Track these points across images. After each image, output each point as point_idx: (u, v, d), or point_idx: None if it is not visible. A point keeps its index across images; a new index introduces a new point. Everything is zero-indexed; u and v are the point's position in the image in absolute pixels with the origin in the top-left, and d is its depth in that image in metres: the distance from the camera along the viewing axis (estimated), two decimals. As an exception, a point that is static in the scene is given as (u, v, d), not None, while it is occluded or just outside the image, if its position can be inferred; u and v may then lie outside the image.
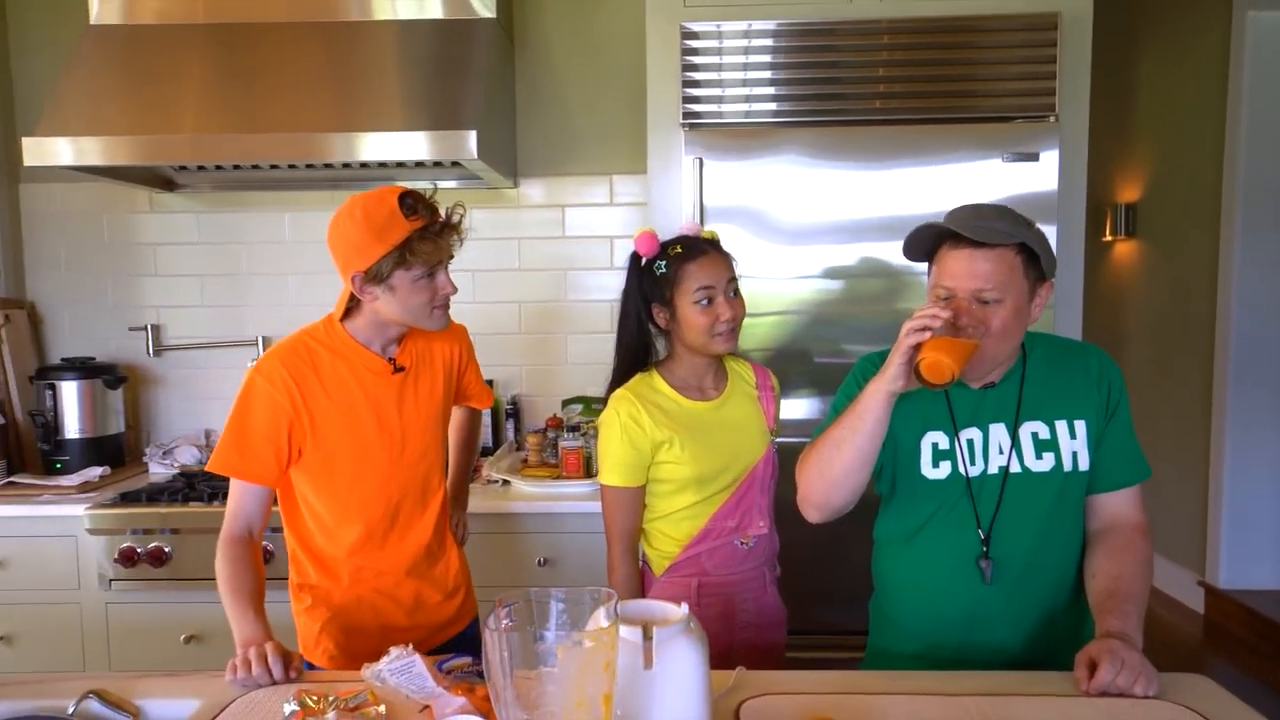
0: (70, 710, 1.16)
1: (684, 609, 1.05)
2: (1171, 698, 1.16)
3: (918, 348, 1.24)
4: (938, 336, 1.23)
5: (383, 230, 1.40)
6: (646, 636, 1.00)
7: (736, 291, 1.63)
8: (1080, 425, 1.38)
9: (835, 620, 2.10)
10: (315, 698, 1.13)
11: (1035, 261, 1.32)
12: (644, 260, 1.65)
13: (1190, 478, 3.83)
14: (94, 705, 1.17)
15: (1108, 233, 4.45)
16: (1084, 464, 1.38)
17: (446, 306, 1.54)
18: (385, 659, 1.08)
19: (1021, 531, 1.38)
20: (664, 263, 1.61)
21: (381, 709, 1.11)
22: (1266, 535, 3.66)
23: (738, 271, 1.65)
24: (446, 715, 1.06)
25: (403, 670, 1.07)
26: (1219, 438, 3.67)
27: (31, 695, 1.21)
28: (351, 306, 1.53)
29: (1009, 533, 1.38)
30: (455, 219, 1.48)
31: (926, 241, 1.36)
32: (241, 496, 1.48)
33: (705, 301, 1.58)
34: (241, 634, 1.36)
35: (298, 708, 1.11)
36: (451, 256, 1.51)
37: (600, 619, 0.94)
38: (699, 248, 1.61)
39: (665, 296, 1.61)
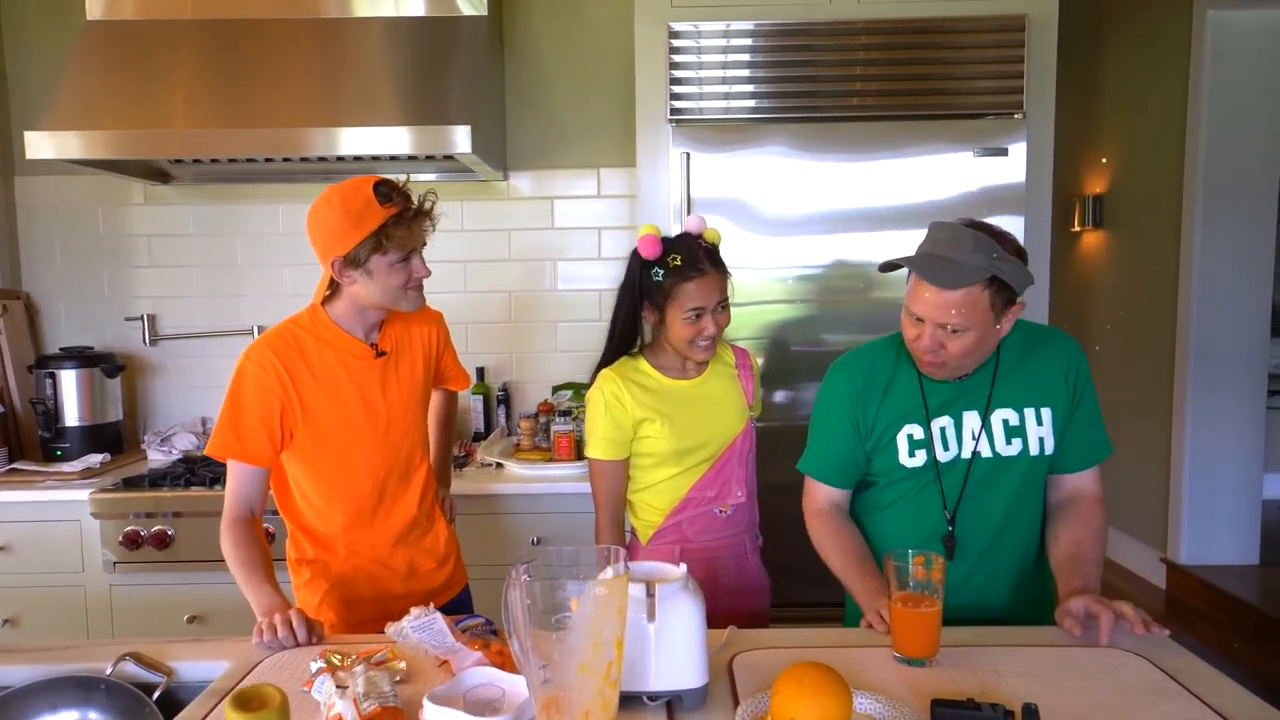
0: (108, 671, 1.24)
1: (683, 569, 1.16)
2: (1120, 645, 1.28)
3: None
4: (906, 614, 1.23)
5: (359, 217, 1.48)
6: (649, 593, 1.10)
7: (725, 306, 1.70)
8: (1046, 413, 1.48)
9: (817, 595, 2.20)
10: (339, 656, 1.22)
11: (1004, 286, 1.36)
12: (644, 261, 1.72)
13: (1153, 459, 3.98)
14: (130, 667, 1.25)
15: (1076, 223, 4.60)
16: (1049, 449, 1.48)
17: (420, 288, 1.62)
18: (408, 617, 1.17)
19: (988, 512, 1.48)
20: (662, 272, 1.67)
21: (403, 665, 1.20)
22: (1225, 513, 3.82)
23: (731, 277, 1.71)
24: (464, 667, 1.15)
25: (425, 627, 1.16)
26: (1180, 420, 3.82)
27: (69, 659, 1.29)
28: (331, 292, 1.61)
29: (975, 514, 1.48)
30: (428, 206, 1.57)
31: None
32: (240, 479, 1.55)
33: (694, 317, 1.66)
34: (260, 604, 1.44)
35: (324, 665, 1.19)
36: (424, 243, 1.59)
37: (608, 574, 1.04)
38: (697, 265, 1.66)
39: (657, 302, 1.69)
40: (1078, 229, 4.60)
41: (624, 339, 1.77)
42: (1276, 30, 3.60)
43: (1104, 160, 4.42)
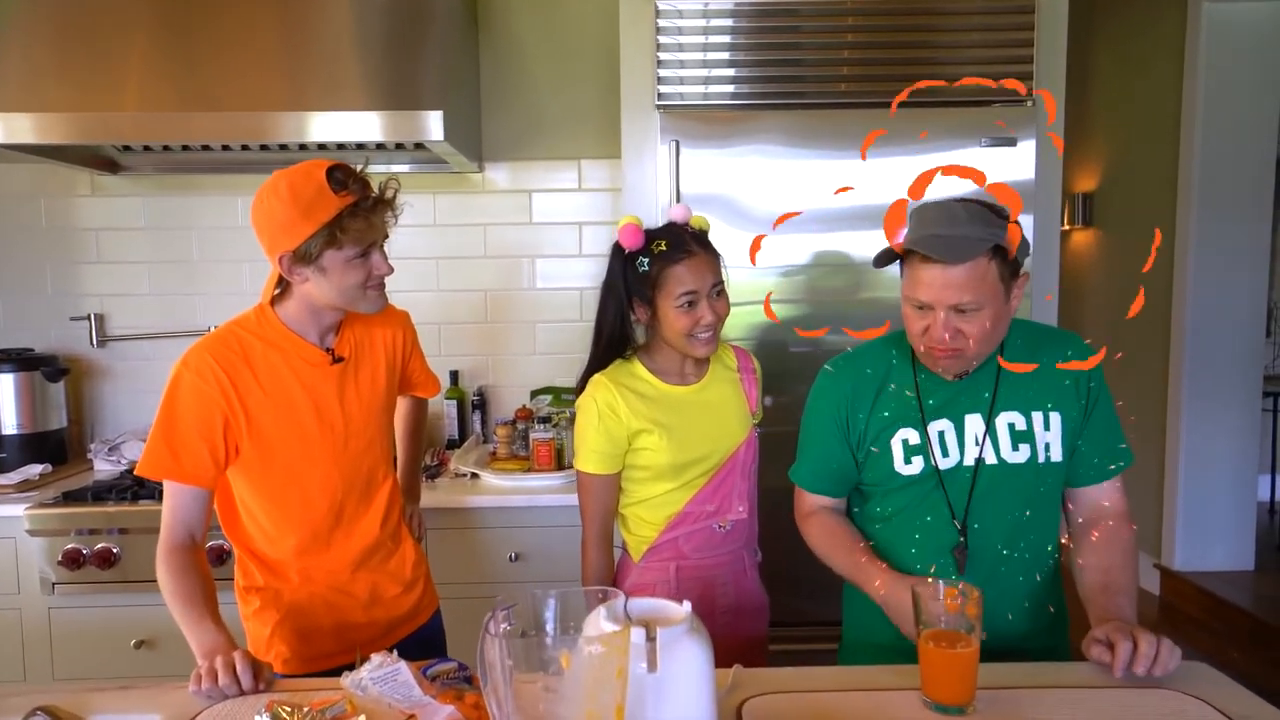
0: (16, 729, 1.06)
1: (686, 607, 1.00)
2: (1177, 686, 1.15)
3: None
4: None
5: (310, 207, 1.31)
6: (650, 637, 0.94)
7: (721, 292, 1.57)
8: (1055, 417, 1.36)
9: (816, 611, 2.07)
10: (289, 708, 1.05)
11: (1006, 256, 1.27)
12: (627, 253, 1.58)
13: (1147, 463, 3.90)
14: (43, 723, 1.08)
15: (1065, 222, 4.51)
16: (1057, 456, 1.37)
17: (382, 286, 1.45)
18: (367, 666, 1.01)
19: (996, 522, 1.37)
20: (647, 260, 1.53)
21: (362, 719, 1.04)
22: (1220, 518, 3.74)
23: (724, 265, 1.58)
24: (434, 725, 0.99)
25: (387, 678, 1.00)
26: (1175, 424, 3.74)
27: (-29, 714, 1.11)
28: (281, 291, 1.44)
29: (983, 523, 1.36)
30: (388, 194, 1.39)
31: (895, 254, 1.33)
32: (178, 501, 1.37)
33: (687, 305, 1.53)
34: (201, 644, 1.27)
35: (270, 719, 1.03)
36: (386, 236, 1.42)
37: (600, 618, 0.89)
38: (684, 247, 1.54)
39: (646, 295, 1.55)
40: (1067, 228, 4.52)
41: (611, 343, 1.62)
42: (1274, 23, 3.51)
43: (1094, 157, 4.33)
